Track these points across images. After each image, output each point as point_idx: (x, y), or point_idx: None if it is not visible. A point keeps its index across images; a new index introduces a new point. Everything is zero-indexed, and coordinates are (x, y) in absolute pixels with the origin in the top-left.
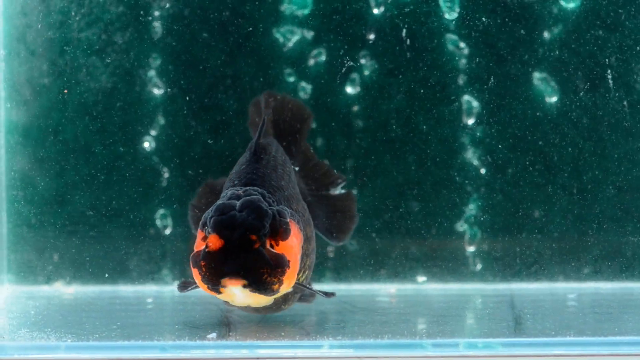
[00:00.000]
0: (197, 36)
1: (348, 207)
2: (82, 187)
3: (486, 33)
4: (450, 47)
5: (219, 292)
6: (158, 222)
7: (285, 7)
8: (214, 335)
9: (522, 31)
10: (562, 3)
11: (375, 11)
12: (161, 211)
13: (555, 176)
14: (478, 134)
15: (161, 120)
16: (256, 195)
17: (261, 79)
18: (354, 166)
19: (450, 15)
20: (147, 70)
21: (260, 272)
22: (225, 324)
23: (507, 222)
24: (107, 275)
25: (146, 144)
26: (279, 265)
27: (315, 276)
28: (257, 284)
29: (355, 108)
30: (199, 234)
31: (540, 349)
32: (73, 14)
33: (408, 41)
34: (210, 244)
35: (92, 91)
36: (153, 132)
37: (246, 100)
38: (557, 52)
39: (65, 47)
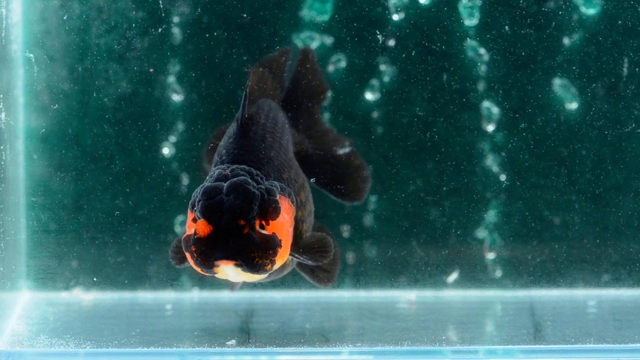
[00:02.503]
0: (217, 42)
1: (357, 166)
2: (101, 193)
3: (506, 39)
4: (470, 53)
5: (214, 273)
6: (177, 229)
7: (305, 13)
8: (233, 341)
9: (543, 37)
10: (583, 9)
11: (395, 17)
12: (180, 217)
13: (576, 182)
14: (498, 141)
15: (180, 127)
16: (243, 175)
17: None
18: (373, 172)
19: (470, 21)
20: (166, 76)
21: (252, 256)
22: (245, 330)
23: (527, 228)
24: (126, 281)
25: (165, 150)
26: (269, 247)
27: (334, 283)
28: (249, 266)
29: (375, 114)
30: (189, 215)
31: (560, 356)
32: (92, 19)
33: (428, 47)
34: (199, 230)
35: (112, 97)
36: (172, 139)
37: None
38: (578, 59)
39: (84, 53)
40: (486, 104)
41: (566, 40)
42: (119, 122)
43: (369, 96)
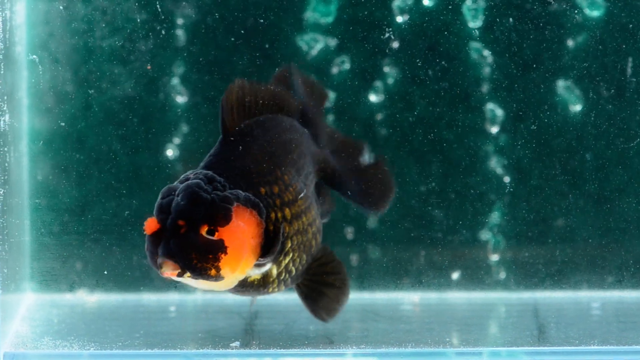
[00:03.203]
0: (221, 44)
1: (381, 174)
2: (105, 195)
3: (510, 41)
4: (474, 55)
5: (167, 277)
6: None
7: (309, 15)
8: (237, 343)
9: (547, 39)
10: (587, 11)
11: (399, 19)
12: None
13: (579, 184)
14: (502, 143)
15: (184, 128)
16: (198, 180)
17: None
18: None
19: (474, 23)
20: (170, 78)
21: (189, 257)
22: (249, 332)
23: (531, 230)
24: (130, 283)
25: (169, 152)
26: (210, 251)
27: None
28: (190, 269)
29: (379, 116)
30: None
31: (564, 358)
32: (96, 21)
33: (432, 49)
34: (146, 227)
35: (116, 99)
36: (176, 140)
37: None
38: (582, 60)
39: (88, 55)
40: (490, 105)
41: (570, 42)
42: (123, 124)
43: (373, 98)
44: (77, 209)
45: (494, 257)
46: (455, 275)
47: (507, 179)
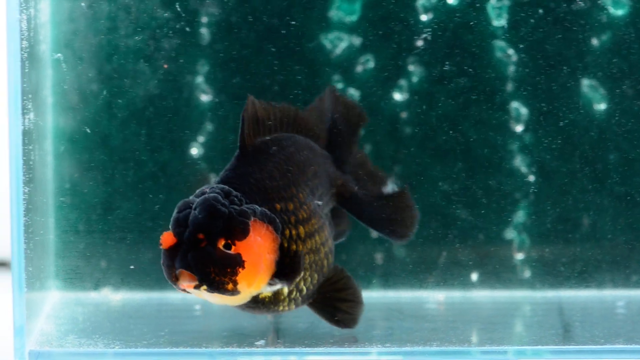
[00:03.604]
0: (245, 42)
1: (405, 204)
2: (129, 193)
3: (534, 40)
4: (499, 53)
5: (184, 291)
6: None
7: (334, 14)
8: (262, 342)
9: (571, 38)
10: (611, 10)
11: (424, 18)
12: None
13: (604, 183)
14: (526, 141)
15: (209, 127)
16: (215, 194)
17: (303, 84)
18: (401, 173)
19: (499, 21)
20: (195, 76)
21: (207, 271)
22: (274, 330)
23: (556, 229)
24: (155, 281)
25: (194, 151)
26: (228, 265)
27: (363, 283)
28: (207, 282)
29: (404, 114)
30: None
31: (589, 357)
32: (120, 20)
33: (456, 48)
34: (163, 241)
35: (140, 97)
36: (201, 139)
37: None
38: (606, 59)
39: (112, 53)
40: (515, 104)
41: (594, 41)
42: (148, 122)
43: (397, 96)
44: (102, 207)
45: (519, 256)
46: (479, 274)
47: (531, 178)
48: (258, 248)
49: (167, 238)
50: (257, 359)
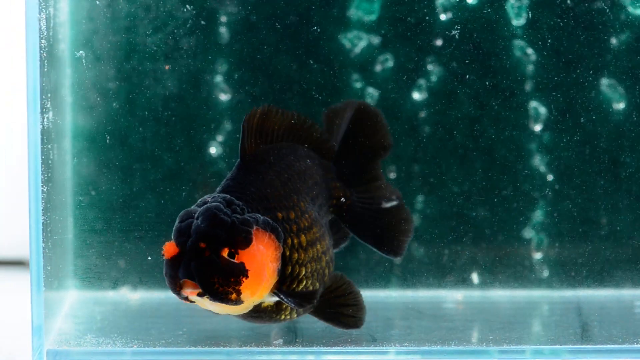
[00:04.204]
0: (264, 41)
1: (401, 220)
2: (148, 192)
3: (554, 39)
4: (518, 53)
5: (187, 300)
6: None
7: (353, 13)
8: (280, 341)
9: (590, 37)
10: (630, 9)
11: (443, 17)
12: None
13: (623, 182)
14: (545, 141)
15: (228, 126)
16: (217, 203)
17: (322, 83)
18: (420, 172)
19: (518, 21)
20: (213, 76)
21: (210, 281)
22: (292, 329)
23: (574, 228)
24: None
25: (212, 150)
26: (232, 274)
27: (381, 282)
28: (210, 292)
29: (422, 114)
30: None
31: (607, 356)
32: (139, 18)
33: (475, 47)
34: (165, 251)
35: (159, 96)
36: (219, 138)
37: (313, 106)
38: (625, 58)
39: (131, 52)
40: (533, 103)
41: (614, 40)
42: (166, 121)
43: (416, 96)
44: (120, 206)
45: (537, 256)
46: (497, 274)
47: (550, 177)
48: (261, 257)
49: (169, 248)
50: (275, 358)
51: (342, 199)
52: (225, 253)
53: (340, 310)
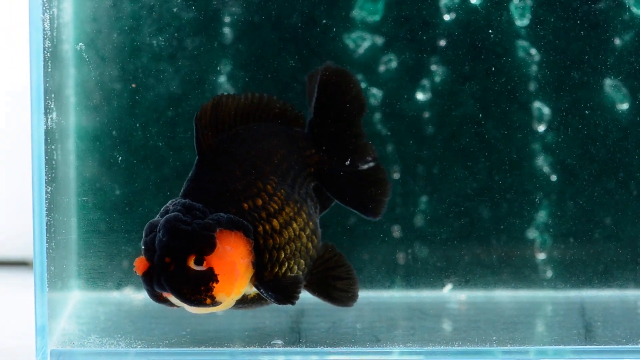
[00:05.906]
0: (268, 42)
1: (378, 179)
2: (151, 193)
3: (557, 39)
4: (521, 53)
5: (175, 306)
6: None
7: (356, 13)
8: (280, 341)
9: (593, 38)
10: (634, 9)
11: (446, 17)
12: None
13: (626, 183)
14: (549, 141)
15: None
16: (176, 212)
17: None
18: (423, 172)
19: (522, 21)
20: (217, 76)
21: (182, 292)
22: (296, 330)
23: (578, 228)
24: None
25: None
26: (200, 283)
27: (385, 283)
28: (184, 301)
29: (426, 114)
30: None
31: (611, 357)
32: (143, 19)
33: (478, 47)
34: (136, 267)
35: (162, 97)
36: None
37: None
38: (629, 59)
39: (135, 53)
40: (537, 104)
41: (617, 41)
42: (170, 122)
43: (420, 96)
44: (124, 206)
45: (541, 256)
46: (501, 274)
47: (553, 178)
48: (229, 257)
49: (139, 264)
50: (278, 358)
51: (319, 165)
52: (192, 261)
53: (333, 284)
